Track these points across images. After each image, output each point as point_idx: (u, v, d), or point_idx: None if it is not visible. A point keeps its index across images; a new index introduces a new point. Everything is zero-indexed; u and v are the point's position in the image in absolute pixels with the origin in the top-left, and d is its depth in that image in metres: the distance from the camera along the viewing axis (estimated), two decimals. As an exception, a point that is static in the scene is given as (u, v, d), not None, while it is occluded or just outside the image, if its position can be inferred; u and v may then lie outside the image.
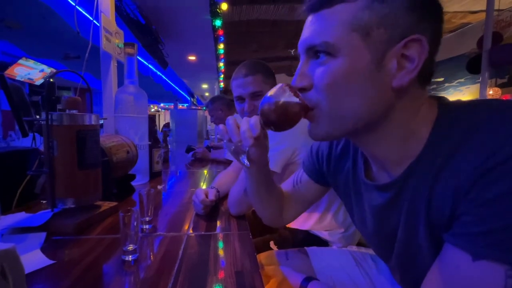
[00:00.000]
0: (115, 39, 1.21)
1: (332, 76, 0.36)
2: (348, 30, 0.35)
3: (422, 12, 0.35)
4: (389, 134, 0.39)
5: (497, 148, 0.30)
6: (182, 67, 4.73)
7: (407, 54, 0.35)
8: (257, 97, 0.96)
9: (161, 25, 2.58)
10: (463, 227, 0.33)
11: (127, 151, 0.96)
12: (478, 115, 0.35)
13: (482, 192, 0.31)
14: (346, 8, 0.36)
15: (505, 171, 0.30)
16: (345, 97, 0.37)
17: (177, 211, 0.85)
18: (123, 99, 1.11)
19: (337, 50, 0.36)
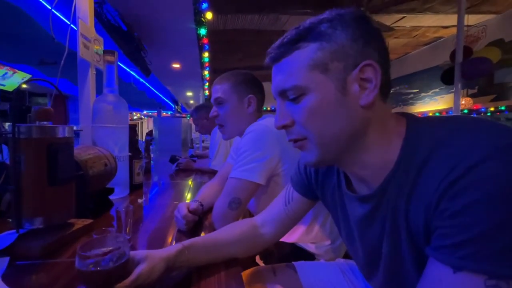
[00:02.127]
0: (94, 46, 1.16)
1: (308, 112, 0.42)
2: (309, 70, 0.41)
3: (364, 41, 0.41)
4: (367, 150, 0.43)
5: (457, 162, 0.33)
6: (166, 74, 4.66)
7: (364, 77, 0.41)
8: (219, 104, 1.00)
9: (144, 33, 2.53)
10: (440, 240, 0.34)
11: (105, 164, 0.91)
12: (441, 131, 0.38)
13: (449, 205, 0.33)
14: (302, 53, 0.42)
15: (466, 183, 0.32)
16: (325, 125, 0.42)
17: (158, 227, 0.81)
18: (102, 109, 1.06)
19: (305, 89, 0.42)
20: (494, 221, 0.30)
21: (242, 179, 0.81)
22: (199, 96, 6.79)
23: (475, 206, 0.31)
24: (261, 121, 0.91)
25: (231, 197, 0.81)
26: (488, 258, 0.30)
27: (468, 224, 0.31)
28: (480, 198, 0.31)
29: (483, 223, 0.30)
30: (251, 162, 0.82)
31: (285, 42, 0.44)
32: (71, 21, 1.08)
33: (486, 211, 0.30)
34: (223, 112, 1.00)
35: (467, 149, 0.33)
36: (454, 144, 0.35)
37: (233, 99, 0.99)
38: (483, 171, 0.31)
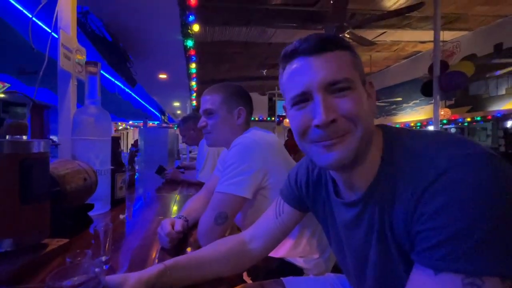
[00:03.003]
0: (76, 56, 1.13)
1: (357, 105, 0.43)
2: (354, 69, 0.45)
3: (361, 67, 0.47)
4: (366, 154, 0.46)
5: (428, 170, 0.36)
6: (153, 85, 4.61)
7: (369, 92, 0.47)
8: (209, 115, 0.99)
9: (130, 43, 2.50)
10: (420, 244, 0.37)
11: (84, 178, 0.87)
12: (413, 144, 0.42)
13: (424, 210, 0.36)
14: (344, 54, 0.45)
15: (437, 189, 0.35)
16: (367, 118, 0.44)
17: (141, 245, 0.77)
18: (83, 121, 1.02)
19: (354, 84, 0.44)
20: (464, 221, 0.33)
21: (229, 193, 0.79)
22: (187, 106, 6.74)
23: (447, 208, 0.34)
24: (248, 134, 0.90)
25: (217, 212, 0.78)
26: (463, 256, 0.32)
27: (442, 225, 0.34)
28: (450, 200, 0.34)
29: (455, 223, 0.33)
30: (238, 175, 0.80)
31: (325, 39, 0.45)
32: (52, 29, 1.05)
33: (457, 212, 0.33)
34: (212, 122, 0.99)
35: (436, 158, 0.37)
36: (425, 155, 0.39)
37: (223, 110, 0.98)
38: (451, 177, 0.35)
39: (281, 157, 0.91)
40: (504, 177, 0.34)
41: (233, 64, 6.36)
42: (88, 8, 1.79)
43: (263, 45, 5.17)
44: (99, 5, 1.84)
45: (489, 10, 4.32)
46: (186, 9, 1.79)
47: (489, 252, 0.32)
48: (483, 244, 0.32)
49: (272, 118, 9.65)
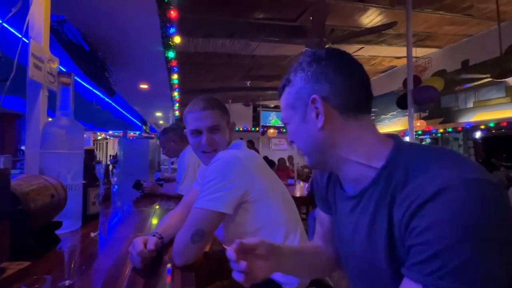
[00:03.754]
0: (51, 65, 1.08)
1: (290, 134, 0.59)
2: (287, 109, 0.58)
3: (313, 81, 0.53)
4: (345, 161, 0.53)
5: (425, 189, 0.39)
6: (133, 95, 4.51)
7: (316, 106, 0.52)
8: (215, 131, 0.93)
9: (109, 53, 2.44)
10: (411, 259, 0.40)
11: (52, 195, 0.82)
12: (417, 161, 0.45)
13: (417, 224, 0.39)
14: (283, 97, 0.59)
15: (431, 207, 0.38)
16: (298, 142, 0.58)
17: (112, 266, 0.73)
18: (53, 133, 0.97)
19: (288, 120, 0.58)
20: (452, 239, 0.35)
21: (207, 209, 0.77)
22: (169, 116, 6.63)
23: (437, 226, 0.37)
24: (230, 150, 0.90)
25: (194, 229, 0.75)
26: (449, 273, 0.35)
27: (431, 241, 0.37)
28: (441, 219, 0.37)
29: (443, 240, 0.36)
30: (217, 191, 0.78)
31: (280, 87, 0.60)
32: (23, 34, 1.01)
33: (446, 230, 0.36)
34: (218, 138, 0.94)
35: (435, 179, 0.40)
36: (426, 173, 0.42)
37: (224, 125, 0.96)
38: (445, 198, 0.37)
39: (263, 170, 0.90)
40: (494, 204, 0.37)
41: (217, 75, 6.39)
42: (64, 17, 1.75)
43: (247, 57, 5.26)
44: (76, 14, 1.79)
45: (455, 29, 4.67)
46: (167, 22, 1.79)
47: (474, 271, 0.34)
48: (468, 263, 0.34)
49: (256, 129, 9.70)
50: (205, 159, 0.96)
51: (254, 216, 0.88)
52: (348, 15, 3.90)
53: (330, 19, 3.80)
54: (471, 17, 4.14)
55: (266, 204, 0.87)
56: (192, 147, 0.98)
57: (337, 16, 3.89)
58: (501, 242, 0.36)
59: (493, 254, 0.35)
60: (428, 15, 4.00)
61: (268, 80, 7.05)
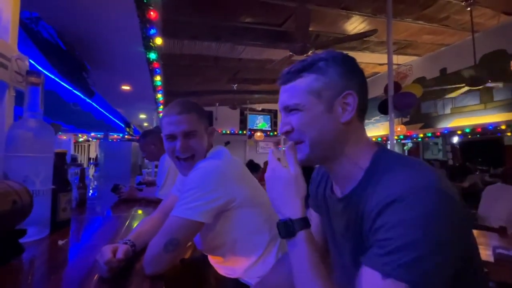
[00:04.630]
0: (17, 64, 1.03)
1: (302, 122, 0.56)
2: (307, 94, 0.56)
3: (346, 78, 0.56)
4: (342, 160, 0.57)
5: (392, 192, 0.45)
6: (115, 96, 4.39)
7: (346, 101, 0.55)
8: (192, 136, 0.89)
9: (88, 53, 2.36)
10: (372, 251, 0.44)
11: (14, 201, 0.77)
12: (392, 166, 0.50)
13: (381, 223, 0.44)
14: (303, 81, 0.57)
15: (394, 208, 0.43)
16: (311, 132, 0.56)
17: (77, 276, 0.69)
18: (19, 136, 0.92)
19: (302, 107, 0.56)
20: (410, 237, 0.41)
21: (184, 218, 0.74)
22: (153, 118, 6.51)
23: (398, 225, 0.42)
24: (211, 159, 0.88)
25: (169, 238, 0.73)
26: (404, 265, 0.40)
27: (393, 238, 0.42)
28: (403, 220, 0.42)
29: (402, 238, 0.41)
30: (197, 200, 0.76)
31: (292, 71, 0.58)
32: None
33: (406, 230, 0.41)
34: (194, 144, 0.89)
35: (402, 183, 0.46)
36: (396, 178, 0.47)
37: (202, 129, 0.92)
38: (408, 202, 0.43)
39: (245, 178, 0.89)
40: (448, 212, 0.43)
41: (203, 77, 6.35)
42: (38, 14, 1.67)
43: (234, 60, 5.26)
44: (50, 11, 1.72)
45: (434, 39, 4.88)
46: (147, 22, 1.76)
47: (428, 267, 0.40)
48: (423, 259, 0.40)
49: (243, 132, 9.69)
50: (180, 166, 0.92)
51: (235, 224, 0.86)
52: (332, 21, 4.00)
53: (315, 25, 3.88)
54: (448, 27, 4.35)
55: (248, 212, 0.86)
56: (167, 153, 0.94)
57: (322, 23, 3.98)
58: (450, 245, 0.42)
59: (441, 254, 0.41)
60: (409, 24, 4.16)
61: (255, 84, 7.08)
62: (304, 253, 0.50)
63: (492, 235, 1.80)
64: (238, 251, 0.89)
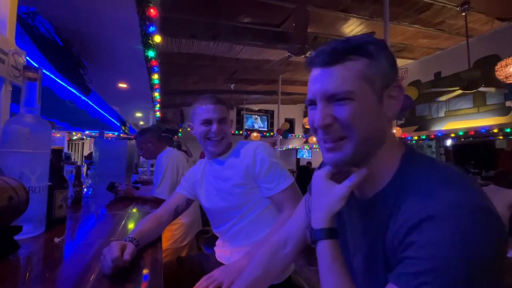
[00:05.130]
0: (14, 59, 1.02)
1: (353, 114, 0.47)
2: (360, 81, 0.47)
3: (393, 68, 0.50)
4: (377, 157, 0.51)
5: (425, 206, 0.41)
6: (112, 94, 4.34)
7: (393, 94, 0.50)
8: (224, 123, 1.04)
9: (85, 49, 2.33)
10: (402, 269, 0.41)
11: (10, 197, 0.76)
12: (423, 175, 0.46)
13: (414, 239, 0.40)
14: (354, 64, 0.47)
15: (427, 227, 0.39)
16: (365, 127, 0.48)
17: (74, 273, 0.68)
18: (15, 131, 0.90)
19: (354, 95, 0.47)
20: (444, 260, 0.37)
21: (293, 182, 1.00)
22: (149, 117, 6.46)
23: (432, 245, 0.38)
24: (253, 141, 1.08)
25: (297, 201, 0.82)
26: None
27: (425, 258, 0.38)
28: (437, 239, 0.38)
29: (435, 260, 0.37)
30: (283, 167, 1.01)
31: (338, 50, 0.48)
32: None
33: (440, 251, 0.37)
34: (226, 128, 1.05)
35: (436, 198, 0.41)
36: (431, 191, 0.43)
37: (228, 119, 1.08)
38: (443, 220, 0.39)
39: None
40: (490, 236, 0.38)
41: (201, 77, 6.33)
42: (35, 9, 1.65)
43: (231, 60, 5.26)
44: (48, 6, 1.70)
45: (429, 43, 4.95)
46: (146, 20, 1.75)
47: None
48: (458, 282, 0.36)
49: (240, 132, 9.69)
50: (211, 145, 1.05)
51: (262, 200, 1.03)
52: (330, 23, 4.02)
53: (313, 26, 3.90)
54: (443, 32, 4.42)
55: None
56: (199, 135, 1.05)
57: (320, 24, 4.00)
58: (487, 274, 0.37)
59: (479, 279, 0.36)
60: (405, 27, 4.21)
61: (252, 84, 7.08)
62: (326, 262, 0.50)
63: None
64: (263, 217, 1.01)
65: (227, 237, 1.05)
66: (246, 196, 1.00)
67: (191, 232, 1.80)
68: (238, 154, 1.04)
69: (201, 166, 1.15)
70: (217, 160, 1.08)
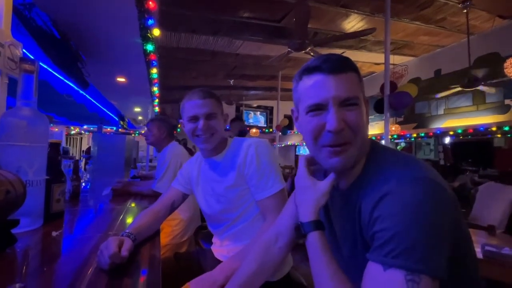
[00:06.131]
0: (10, 51, 1.00)
1: (360, 118, 0.53)
2: (359, 89, 0.55)
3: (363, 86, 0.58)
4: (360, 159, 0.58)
5: (385, 185, 0.48)
6: (110, 88, 4.31)
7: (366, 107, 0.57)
8: (212, 118, 0.98)
9: (83, 43, 2.30)
10: (373, 243, 0.46)
11: (7, 191, 0.75)
12: (384, 162, 0.54)
13: (377, 214, 0.47)
14: (354, 75, 0.55)
15: (387, 200, 0.46)
16: (362, 131, 0.54)
17: (71, 267, 0.68)
18: (12, 124, 0.89)
19: (359, 101, 0.54)
20: (402, 225, 0.43)
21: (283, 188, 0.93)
22: (148, 112, 6.43)
23: (390, 216, 0.44)
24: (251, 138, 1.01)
25: None
26: (402, 253, 0.41)
27: (387, 228, 0.44)
28: (394, 210, 0.45)
29: (395, 227, 0.43)
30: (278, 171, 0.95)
31: (344, 60, 0.55)
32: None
33: (397, 218, 0.44)
34: (215, 124, 0.98)
35: (392, 177, 0.49)
36: (386, 173, 0.51)
37: (220, 114, 1.01)
38: (398, 193, 0.46)
39: None
40: (435, 198, 0.45)
41: (200, 72, 6.28)
42: (32, 0, 1.62)
43: (231, 55, 5.22)
44: (44, -2, 1.67)
45: (430, 40, 4.92)
46: (145, 12, 1.72)
47: (422, 252, 0.41)
48: (416, 244, 0.41)
49: (239, 128, 9.66)
50: (199, 142, 1.00)
51: None
52: (331, 19, 3.99)
53: (314, 22, 3.86)
54: (444, 29, 4.39)
55: None
56: (187, 133, 1.01)
57: (321, 20, 3.97)
58: (441, 229, 0.43)
59: (434, 238, 0.42)
60: (406, 24, 4.19)
61: (251, 80, 7.04)
62: (316, 253, 0.53)
63: (480, 233, 1.84)
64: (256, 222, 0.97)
65: (223, 238, 1.03)
66: (241, 197, 0.96)
67: (190, 228, 1.80)
68: (232, 153, 0.99)
69: (197, 162, 1.11)
70: (212, 160, 1.04)
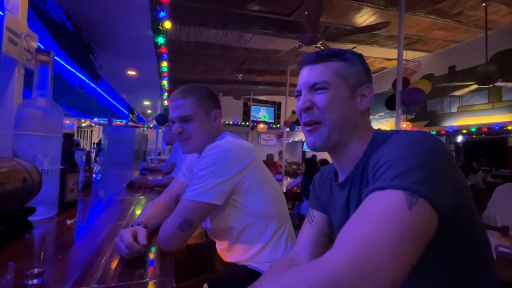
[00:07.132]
0: (27, 41, 1.01)
1: (328, 101, 0.59)
2: (337, 76, 0.60)
3: (367, 73, 0.63)
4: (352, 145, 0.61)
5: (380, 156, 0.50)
6: (121, 81, 4.35)
7: (365, 93, 0.62)
8: (187, 121, 0.93)
9: (95, 35, 2.32)
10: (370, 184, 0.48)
11: (24, 179, 0.77)
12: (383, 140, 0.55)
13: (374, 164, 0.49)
14: (335, 64, 0.61)
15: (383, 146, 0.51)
16: (333, 113, 0.59)
17: (86, 254, 0.70)
18: (28, 114, 0.91)
19: (329, 86, 0.59)
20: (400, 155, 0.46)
21: (197, 201, 0.78)
22: (157, 106, 6.49)
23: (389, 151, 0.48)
24: (221, 142, 0.87)
25: (183, 218, 0.77)
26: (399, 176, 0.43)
27: (385, 162, 0.46)
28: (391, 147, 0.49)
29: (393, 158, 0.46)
30: (210, 183, 0.79)
31: (322, 54, 0.62)
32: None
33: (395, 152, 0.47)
34: (190, 128, 0.94)
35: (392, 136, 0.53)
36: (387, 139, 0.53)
37: (201, 114, 0.95)
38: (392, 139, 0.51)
39: (256, 162, 0.90)
40: (437, 142, 0.48)
41: (208, 66, 6.28)
42: (46, -8, 1.64)
43: (240, 49, 5.18)
44: (58, -11, 1.68)
45: (445, 35, 4.77)
46: (157, 4, 1.72)
47: (419, 176, 0.42)
48: (416, 168, 0.43)
49: (246, 123, 9.65)
50: (181, 145, 0.99)
51: (244, 208, 0.88)
52: (342, 13, 3.90)
53: (325, 16, 3.79)
54: (461, 23, 4.24)
55: (257, 195, 0.88)
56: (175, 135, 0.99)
57: (332, 14, 3.89)
58: (440, 166, 0.45)
59: (430, 170, 0.43)
60: (420, 18, 4.06)
61: (260, 74, 7.00)
62: None
63: (494, 234, 1.80)
64: (246, 235, 0.90)
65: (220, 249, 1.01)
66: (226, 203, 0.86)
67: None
68: None
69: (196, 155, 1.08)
70: None
